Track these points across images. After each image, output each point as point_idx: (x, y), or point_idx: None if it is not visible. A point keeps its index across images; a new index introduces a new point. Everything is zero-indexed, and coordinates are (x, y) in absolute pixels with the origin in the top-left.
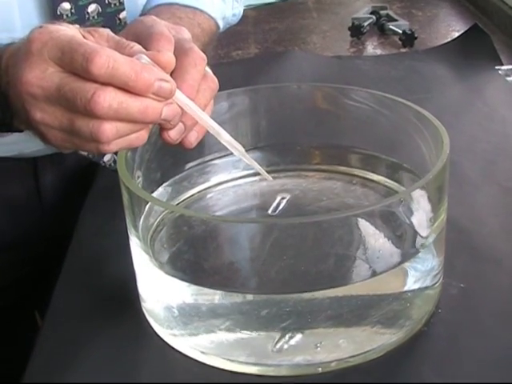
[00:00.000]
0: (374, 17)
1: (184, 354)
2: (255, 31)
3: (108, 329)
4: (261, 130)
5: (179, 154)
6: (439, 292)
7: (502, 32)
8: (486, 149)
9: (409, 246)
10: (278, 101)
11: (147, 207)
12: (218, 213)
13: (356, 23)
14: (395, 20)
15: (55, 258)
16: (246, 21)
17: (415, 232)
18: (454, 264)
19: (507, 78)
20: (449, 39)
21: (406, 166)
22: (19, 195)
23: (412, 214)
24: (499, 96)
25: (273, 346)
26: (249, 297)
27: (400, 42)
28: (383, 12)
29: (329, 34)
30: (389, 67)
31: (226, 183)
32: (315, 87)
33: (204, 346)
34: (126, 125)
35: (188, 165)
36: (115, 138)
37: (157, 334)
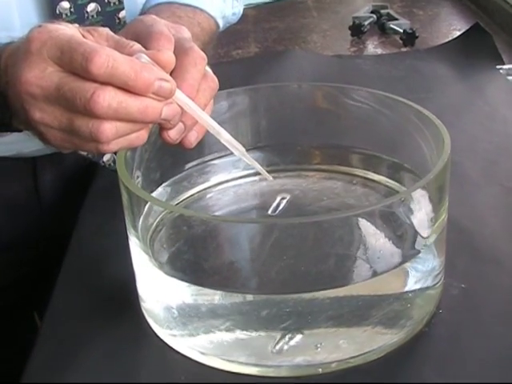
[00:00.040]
0: (375, 16)
1: (183, 355)
2: (255, 30)
3: (107, 329)
4: (261, 130)
5: (179, 154)
6: (440, 292)
7: (504, 31)
8: (488, 149)
9: (409, 246)
10: (279, 100)
11: (147, 207)
12: (218, 213)
13: (356, 22)
14: (396, 19)
15: (54, 258)
16: (246, 20)
17: (416, 232)
18: (455, 264)
19: (508, 78)
20: (450, 38)
21: (407, 166)
22: (18, 195)
23: (413, 214)
24: (500, 95)
25: (273, 347)
26: (249, 297)
27: (401, 42)
28: (384, 11)
29: (329, 33)
30: (389, 66)
31: (226, 183)
32: (315, 87)
33: (204, 347)
34: (126, 124)
35: (188, 165)
36: (115, 138)
37: (156, 335)
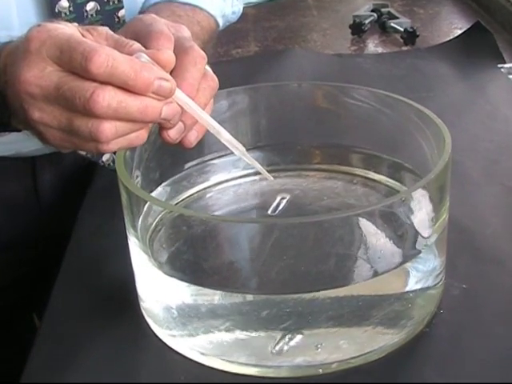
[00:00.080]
0: (375, 14)
1: (183, 355)
2: (255, 29)
3: (106, 330)
4: (261, 129)
5: (178, 154)
6: (441, 292)
7: (505, 30)
8: (489, 148)
9: (410, 246)
10: (279, 99)
11: (146, 207)
12: (218, 212)
13: (357, 21)
14: (397, 18)
15: (53, 258)
16: (246, 18)
17: (417, 232)
18: (456, 264)
19: (510, 77)
20: (451, 37)
21: (408, 166)
22: (17, 195)
23: (413, 214)
24: (502, 94)
25: (273, 347)
26: (249, 297)
27: (401, 40)
28: (384, 10)
29: (329, 32)
30: (390, 65)
31: (226, 183)
32: (316, 86)
33: (203, 347)
34: (126, 124)
35: (187, 164)
36: (114, 138)
37: (156, 335)
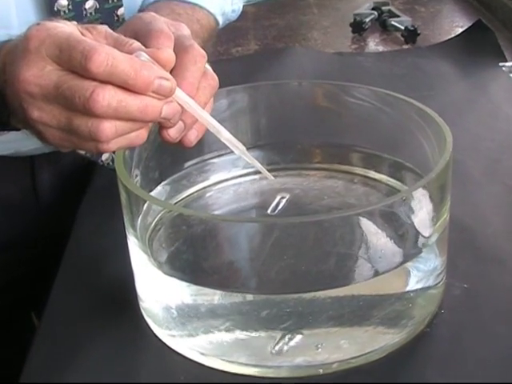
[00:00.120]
0: (376, 13)
1: (183, 356)
2: (255, 27)
3: (106, 330)
4: (261, 128)
5: (178, 153)
6: (442, 292)
7: (506, 28)
8: (490, 147)
9: (411, 246)
10: (279, 98)
11: (145, 206)
12: (218, 212)
13: (357, 19)
14: (397, 16)
15: (52, 258)
16: (246, 17)
17: (417, 231)
18: (457, 264)
19: (511, 75)
20: (452, 35)
21: (408, 165)
22: (15, 194)
23: (414, 213)
24: (503, 93)
25: (272, 348)
26: (249, 297)
27: (402, 39)
28: (385, 8)
29: (330, 30)
30: (391, 64)
31: (226, 182)
32: (316, 84)
33: (203, 347)
34: (126, 123)
35: (187, 163)
36: (114, 137)
37: (155, 335)
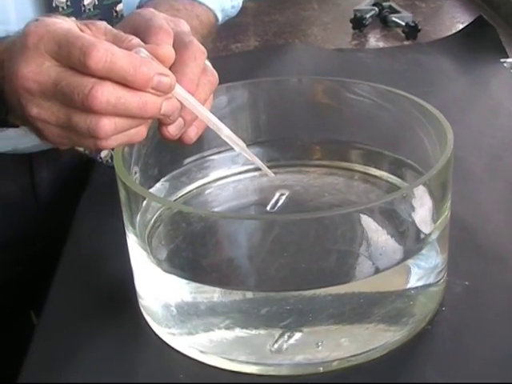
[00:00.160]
0: (377, 8)
1: (183, 354)
2: (255, 23)
3: (105, 328)
4: (261, 125)
5: (177, 149)
6: (443, 290)
7: (508, 24)
8: (492, 144)
9: (412, 243)
10: (279, 95)
11: (144, 203)
12: (217, 209)
13: (358, 15)
14: (398, 12)
15: (51, 256)
16: (246, 13)
17: (418, 229)
18: (458, 261)
19: None
20: (453, 31)
21: (409, 162)
22: (14, 192)
23: (415, 211)
24: (505, 89)
25: (271, 346)
26: (248, 295)
27: (403, 35)
28: (386, 4)
29: (330, 27)
30: (391, 60)
31: (225, 179)
32: (316, 81)
33: (203, 345)
34: (125, 120)
35: (186, 160)
36: (113, 134)
37: (155, 333)
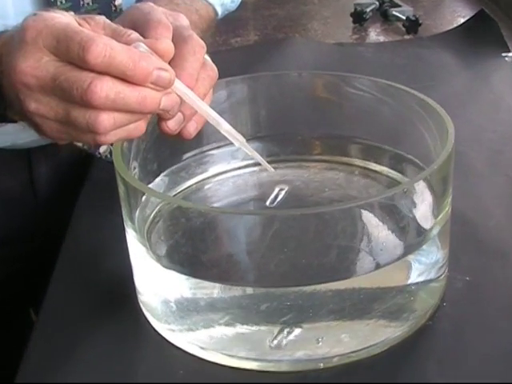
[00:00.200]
0: (377, 2)
1: (182, 350)
2: (255, 17)
3: (104, 324)
4: (261, 120)
5: (176, 144)
6: (444, 285)
7: (510, 18)
8: (493, 138)
9: (413, 238)
10: (278, 89)
11: (144, 199)
12: (217, 204)
13: (358, 9)
14: (399, 6)
15: (50, 252)
16: (245, 7)
17: (419, 224)
18: (459, 257)
19: None
20: (454, 25)
21: (410, 157)
22: (13, 189)
23: (416, 206)
24: (506, 84)
25: (270, 342)
26: (248, 290)
27: (404, 29)
28: None
29: (330, 21)
30: (392, 54)
31: (225, 174)
32: (316, 75)
33: (203, 341)
34: (124, 115)
35: (186, 155)
36: (112, 129)
37: (154, 330)
